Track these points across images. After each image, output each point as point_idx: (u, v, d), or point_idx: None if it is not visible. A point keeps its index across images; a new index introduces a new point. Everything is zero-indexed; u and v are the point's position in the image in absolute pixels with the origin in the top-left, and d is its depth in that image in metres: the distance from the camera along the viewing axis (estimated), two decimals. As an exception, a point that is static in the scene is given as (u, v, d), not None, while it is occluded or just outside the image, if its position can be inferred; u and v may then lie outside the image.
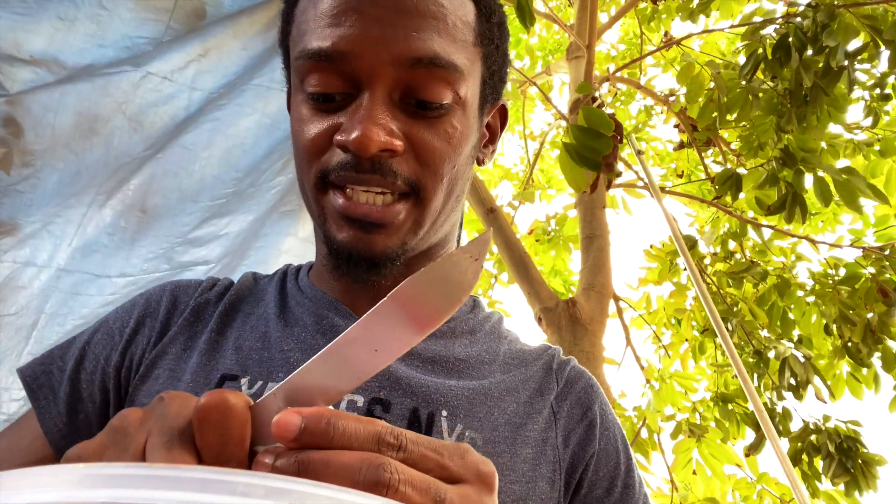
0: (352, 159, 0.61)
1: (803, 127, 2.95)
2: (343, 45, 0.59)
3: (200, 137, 1.26)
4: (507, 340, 0.78)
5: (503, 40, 0.72)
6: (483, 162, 0.77)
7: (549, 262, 5.42)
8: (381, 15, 0.59)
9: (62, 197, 1.13)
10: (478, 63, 0.67)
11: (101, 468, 0.27)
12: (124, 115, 1.16)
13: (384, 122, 0.59)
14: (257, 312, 0.74)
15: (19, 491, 0.25)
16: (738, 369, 2.08)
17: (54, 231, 1.14)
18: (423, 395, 0.65)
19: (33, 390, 0.71)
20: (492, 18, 0.68)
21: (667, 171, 6.05)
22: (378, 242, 0.63)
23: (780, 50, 2.70)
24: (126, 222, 1.22)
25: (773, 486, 3.78)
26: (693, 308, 4.31)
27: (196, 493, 0.26)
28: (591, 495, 0.68)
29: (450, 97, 0.62)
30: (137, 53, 1.15)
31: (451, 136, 0.64)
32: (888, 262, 3.30)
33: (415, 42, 0.59)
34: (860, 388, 3.52)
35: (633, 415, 4.39)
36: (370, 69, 0.59)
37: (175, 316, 0.75)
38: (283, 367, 0.66)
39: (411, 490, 0.36)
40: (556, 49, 6.71)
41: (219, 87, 1.26)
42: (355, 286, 0.72)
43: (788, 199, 2.94)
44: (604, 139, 1.66)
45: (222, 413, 0.36)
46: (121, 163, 1.18)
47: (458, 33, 0.63)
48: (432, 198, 0.64)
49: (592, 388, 0.75)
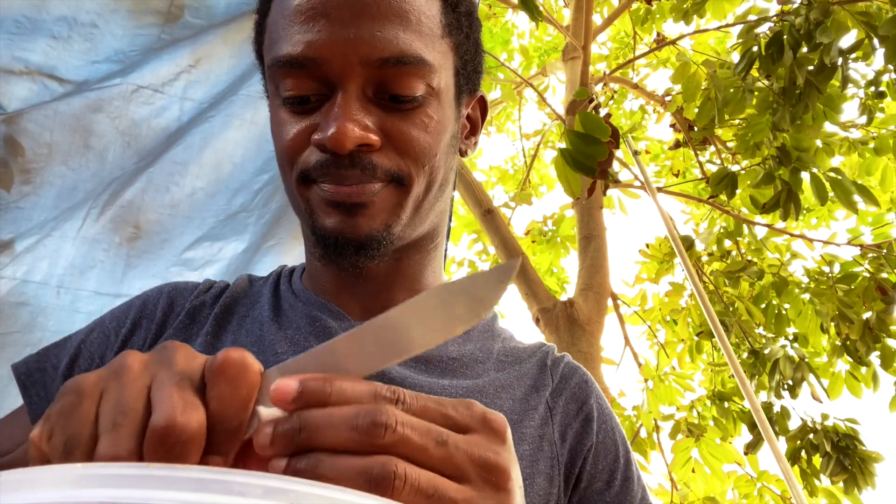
0: (330, 157, 0.62)
1: (798, 125, 2.96)
2: (312, 52, 0.61)
3: (190, 151, 1.26)
4: (500, 338, 0.78)
5: (473, 29, 0.73)
6: (466, 153, 0.78)
7: (545, 261, 5.42)
8: (346, 18, 0.60)
9: (59, 211, 1.14)
10: (449, 54, 0.68)
11: (98, 468, 0.27)
12: (117, 129, 1.16)
13: (358, 118, 0.61)
14: (252, 315, 0.74)
15: (16, 491, 0.25)
16: (735, 369, 2.08)
17: (49, 245, 1.15)
18: None
19: (26, 386, 0.71)
20: (458, 8, 0.69)
21: (661, 168, 6.06)
22: (363, 224, 0.64)
23: (774, 46, 2.71)
24: (120, 238, 1.23)
25: (774, 482, 3.78)
26: (689, 306, 4.32)
27: (193, 492, 0.26)
28: (591, 489, 0.69)
29: (422, 89, 0.64)
30: (129, 65, 1.15)
31: (427, 125, 0.65)
32: (885, 260, 3.31)
33: (381, 42, 0.61)
34: (858, 386, 3.53)
35: (632, 414, 4.40)
36: (341, 70, 0.61)
37: (171, 318, 0.75)
38: None
39: (410, 431, 0.36)
40: (551, 49, 6.72)
41: (209, 98, 1.26)
42: (346, 286, 0.73)
43: (783, 197, 2.95)
44: (600, 146, 1.66)
45: (239, 370, 0.37)
46: (114, 176, 1.19)
47: (423, 28, 0.64)
48: (413, 184, 0.65)
49: (587, 384, 0.75)
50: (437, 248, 0.78)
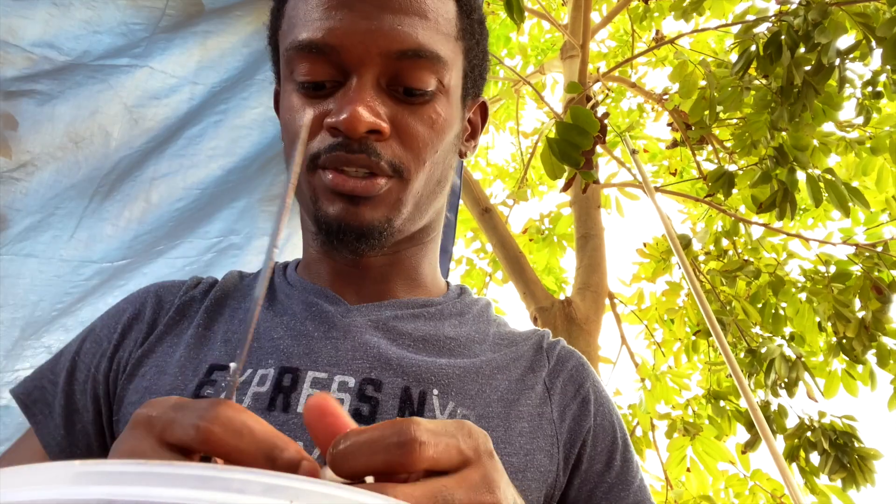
0: (342, 140, 0.63)
1: (796, 124, 2.96)
2: (332, 38, 0.62)
3: (206, 130, 1.26)
4: (495, 323, 0.79)
5: (483, 37, 0.76)
6: (465, 155, 0.80)
7: (542, 259, 5.42)
8: (368, 11, 0.63)
9: (61, 187, 1.12)
10: (459, 56, 0.70)
11: (96, 465, 0.27)
12: (125, 105, 1.15)
13: (372, 105, 0.62)
14: (244, 306, 0.75)
15: (15, 489, 0.25)
16: (732, 367, 2.08)
17: (54, 223, 1.13)
18: (414, 374, 0.66)
19: (28, 406, 0.71)
20: (472, 15, 0.72)
21: (658, 167, 6.07)
22: (365, 214, 0.65)
23: (772, 46, 2.71)
24: (131, 213, 1.22)
25: (765, 481, 3.79)
26: (686, 305, 4.33)
27: (193, 489, 0.26)
28: (592, 470, 0.69)
29: (434, 84, 0.66)
30: (133, 41, 1.14)
31: (434, 121, 0.67)
32: (880, 259, 3.32)
33: (400, 35, 0.63)
34: (855, 384, 3.54)
35: (628, 412, 4.40)
36: (359, 59, 0.63)
37: (161, 315, 0.75)
38: (273, 353, 0.66)
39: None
40: (549, 48, 6.72)
41: (221, 82, 1.25)
42: (343, 276, 0.74)
43: (779, 197, 2.95)
44: (586, 137, 1.68)
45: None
46: (121, 154, 1.17)
47: (440, 27, 0.66)
48: (414, 179, 0.67)
49: (584, 366, 0.76)
50: (433, 240, 0.80)
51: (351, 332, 0.68)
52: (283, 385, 0.63)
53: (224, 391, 0.65)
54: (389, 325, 0.70)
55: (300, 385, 0.63)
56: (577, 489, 0.68)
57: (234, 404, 0.38)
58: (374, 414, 0.62)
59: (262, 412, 0.61)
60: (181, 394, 0.64)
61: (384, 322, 0.71)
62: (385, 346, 0.67)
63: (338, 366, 0.65)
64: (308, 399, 0.38)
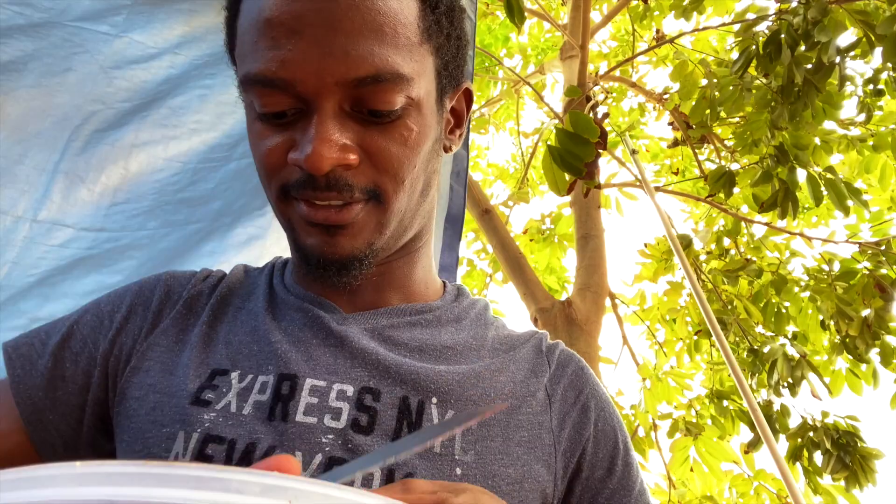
0: (308, 177, 0.61)
1: (797, 122, 2.96)
2: (285, 73, 0.58)
3: (191, 103, 1.23)
4: (493, 326, 0.78)
5: (455, 27, 0.70)
6: (450, 149, 0.76)
7: (543, 259, 5.42)
8: (319, 35, 0.57)
9: (25, 134, 1.08)
10: (428, 58, 0.65)
11: (97, 466, 0.27)
12: (100, 66, 1.12)
13: (335, 139, 0.59)
14: (247, 307, 0.75)
15: (16, 490, 0.25)
16: (732, 367, 2.08)
17: (20, 175, 1.09)
18: (413, 382, 0.65)
19: (12, 360, 0.71)
20: (437, 9, 0.66)
21: (660, 167, 6.06)
22: (344, 244, 0.63)
23: (772, 45, 2.71)
24: (108, 178, 1.18)
25: (770, 481, 3.79)
26: (688, 305, 4.32)
27: (191, 490, 0.26)
28: (593, 477, 0.69)
29: (402, 102, 0.61)
30: (114, 6, 1.12)
31: (407, 138, 0.63)
32: (884, 257, 3.31)
33: (355, 61, 0.58)
34: (859, 383, 3.53)
35: (630, 413, 4.40)
36: (315, 91, 0.59)
37: (168, 307, 0.75)
38: (272, 359, 0.66)
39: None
40: (548, 48, 6.71)
41: (205, 56, 1.23)
42: (334, 285, 0.72)
43: (780, 196, 2.95)
44: (588, 146, 1.67)
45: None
46: (94, 108, 1.14)
47: (399, 39, 0.61)
48: (393, 200, 0.64)
49: (583, 371, 0.75)
50: (424, 245, 0.78)
51: (348, 339, 0.68)
52: (281, 393, 0.63)
53: (225, 396, 0.64)
54: (386, 334, 0.70)
55: (298, 394, 0.63)
56: (579, 496, 0.68)
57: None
58: (373, 425, 0.62)
59: (262, 422, 0.61)
60: (184, 395, 0.64)
61: (380, 331, 0.70)
62: (383, 354, 0.67)
63: (336, 374, 0.65)
64: (269, 459, 0.36)
